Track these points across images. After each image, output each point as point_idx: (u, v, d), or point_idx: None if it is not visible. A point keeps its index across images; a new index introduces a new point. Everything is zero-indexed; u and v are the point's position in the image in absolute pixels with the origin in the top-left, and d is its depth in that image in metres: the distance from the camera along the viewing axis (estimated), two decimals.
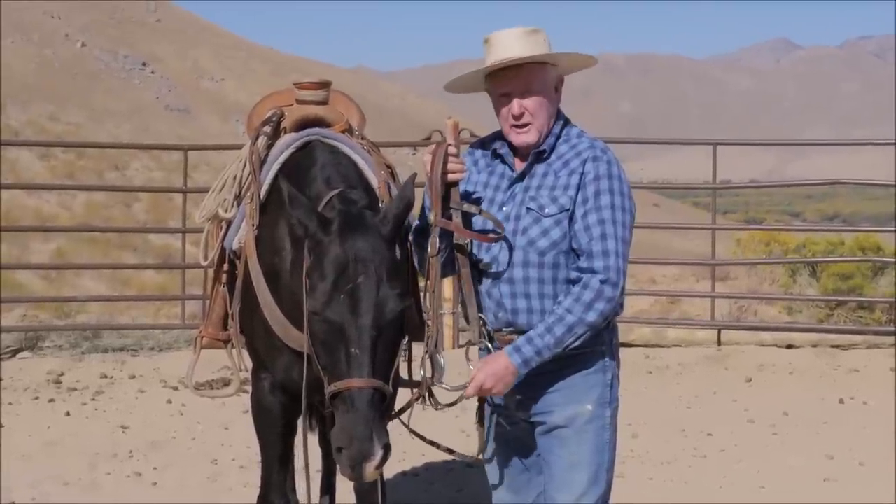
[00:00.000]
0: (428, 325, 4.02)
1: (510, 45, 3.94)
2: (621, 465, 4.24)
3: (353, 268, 3.75)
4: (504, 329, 3.98)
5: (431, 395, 4.02)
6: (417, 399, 4.04)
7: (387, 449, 3.65)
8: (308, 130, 4.98)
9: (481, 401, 4.05)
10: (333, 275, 3.76)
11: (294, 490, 5.01)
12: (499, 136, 4.11)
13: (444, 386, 3.94)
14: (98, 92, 60.66)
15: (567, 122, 4.08)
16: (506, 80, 3.97)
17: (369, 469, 3.62)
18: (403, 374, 4.86)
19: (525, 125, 3.97)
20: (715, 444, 8.57)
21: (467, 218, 4.01)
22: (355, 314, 3.72)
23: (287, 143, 4.90)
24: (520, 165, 4.04)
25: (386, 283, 3.76)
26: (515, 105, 3.97)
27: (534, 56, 3.93)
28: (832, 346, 11.27)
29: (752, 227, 25.25)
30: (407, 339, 3.97)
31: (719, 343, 11.51)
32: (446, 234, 3.98)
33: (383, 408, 3.74)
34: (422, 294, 4.12)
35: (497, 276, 3.97)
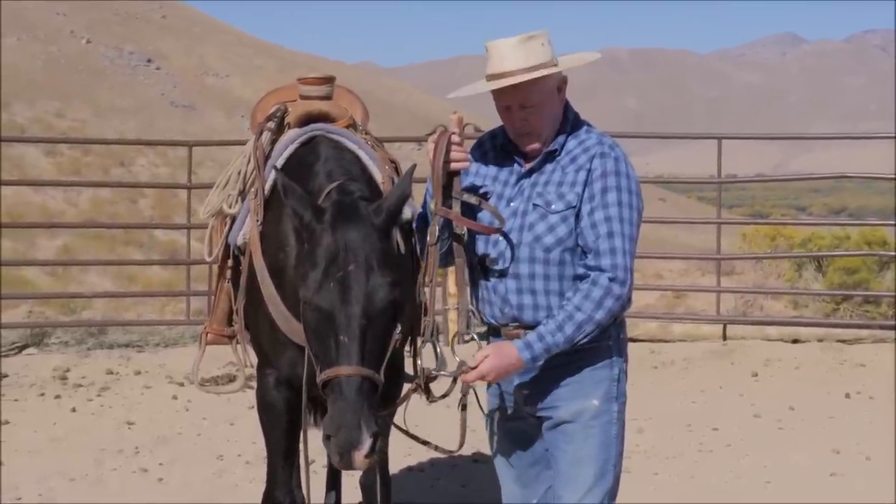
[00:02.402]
0: (425, 316, 4.02)
1: (506, 56, 3.88)
2: (627, 460, 4.23)
3: (343, 256, 3.74)
4: (510, 325, 3.97)
5: (428, 387, 4.01)
6: (415, 390, 4.03)
7: (376, 437, 3.61)
8: (312, 126, 4.98)
9: (465, 392, 4.01)
10: (324, 263, 3.75)
11: (300, 486, 5.00)
12: None
13: (442, 373, 3.92)
14: (103, 89, 60.65)
15: (576, 117, 4.05)
16: (504, 95, 3.93)
17: (358, 458, 3.58)
18: (409, 370, 4.87)
19: (528, 134, 3.96)
20: (721, 438, 8.57)
21: (472, 210, 3.99)
22: (344, 302, 3.70)
23: (291, 139, 4.90)
24: (529, 160, 4.02)
25: (377, 272, 3.74)
26: (516, 118, 3.94)
27: (524, 73, 3.85)
28: (838, 341, 11.28)
29: (757, 221, 25.25)
30: (400, 330, 3.91)
31: (725, 338, 11.51)
32: (448, 225, 3.97)
33: (374, 397, 3.70)
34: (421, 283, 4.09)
35: (503, 272, 3.96)
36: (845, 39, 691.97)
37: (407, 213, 4.57)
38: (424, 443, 4.17)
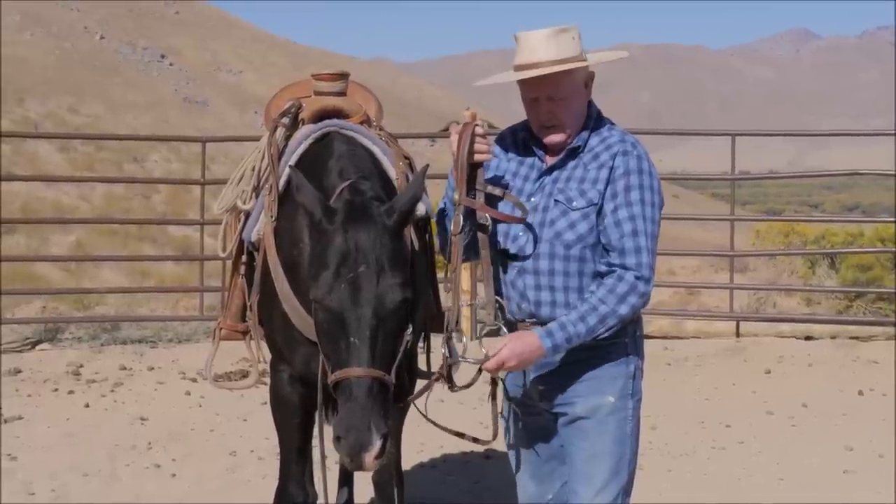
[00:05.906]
0: (449, 307, 4.01)
1: (536, 47, 3.88)
2: (640, 457, 4.22)
3: (354, 257, 3.74)
4: (527, 320, 3.97)
5: (451, 376, 4.00)
6: (437, 379, 4.02)
7: (385, 439, 3.61)
8: (326, 122, 4.97)
9: (493, 381, 4.03)
10: (335, 264, 3.75)
11: (312, 482, 5.01)
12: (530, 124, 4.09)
13: (467, 359, 3.89)
14: (117, 84, 60.74)
15: (599, 114, 4.06)
16: (533, 86, 3.94)
17: (368, 459, 3.59)
18: (423, 366, 4.87)
19: (553, 126, 3.96)
20: (734, 435, 8.56)
21: (493, 202, 3.99)
22: (355, 304, 3.71)
23: (305, 135, 4.89)
24: (550, 157, 4.02)
25: (388, 274, 3.74)
26: (543, 110, 3.94)
27: (556, 65, 3.86)
28: (851, 338, 11.25)
29: (771, 218, 25.21)
30: (411, 330, 3.90)
31: (738, 335, 11.49)
32: (469, 216, 3.96)
33: (385, 398, 3.70)
34: (443, 275, 4.08)
35: (522, 268, 3.97)
36: (858, 35, 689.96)
37: (421, 209, 4.57)
38: (459, 434, 4.18)
